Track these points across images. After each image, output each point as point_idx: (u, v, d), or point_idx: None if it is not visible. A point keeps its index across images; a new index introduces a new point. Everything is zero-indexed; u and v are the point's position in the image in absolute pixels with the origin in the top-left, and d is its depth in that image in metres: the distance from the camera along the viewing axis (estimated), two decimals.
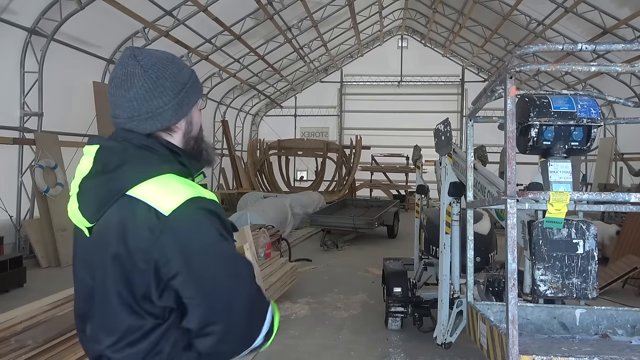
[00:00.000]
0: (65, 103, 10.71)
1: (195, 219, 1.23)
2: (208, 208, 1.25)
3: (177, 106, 1.35)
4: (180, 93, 1.36)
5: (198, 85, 1.44)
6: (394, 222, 12.87)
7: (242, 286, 1.27)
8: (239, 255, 1.33)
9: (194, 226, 1.22)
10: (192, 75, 1.42)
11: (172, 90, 1.34)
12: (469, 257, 3.40)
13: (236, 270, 1.27)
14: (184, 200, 1.22)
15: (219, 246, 1.25)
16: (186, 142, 1.41)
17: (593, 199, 2.67)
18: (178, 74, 1.36)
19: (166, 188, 1.24)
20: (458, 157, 4.38)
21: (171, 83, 1.34)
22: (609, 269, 7.64)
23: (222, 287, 1.24)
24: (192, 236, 1.22)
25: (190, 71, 1.43)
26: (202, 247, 1.22)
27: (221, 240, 1.25)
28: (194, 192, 1.25)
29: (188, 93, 1.38)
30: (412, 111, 23.58)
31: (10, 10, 8.72)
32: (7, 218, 9.16)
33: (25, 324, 3.67)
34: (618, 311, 3.07)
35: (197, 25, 13.12)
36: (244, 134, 23.92)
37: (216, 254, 1.25)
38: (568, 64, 2.38)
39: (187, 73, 1.40)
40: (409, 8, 21.46)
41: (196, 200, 1.24)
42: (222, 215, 1.29)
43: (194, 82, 1.42)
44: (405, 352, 5.09)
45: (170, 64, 1.35)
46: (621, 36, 12.99)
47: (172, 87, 1.33)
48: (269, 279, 6.21)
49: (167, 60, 1.36)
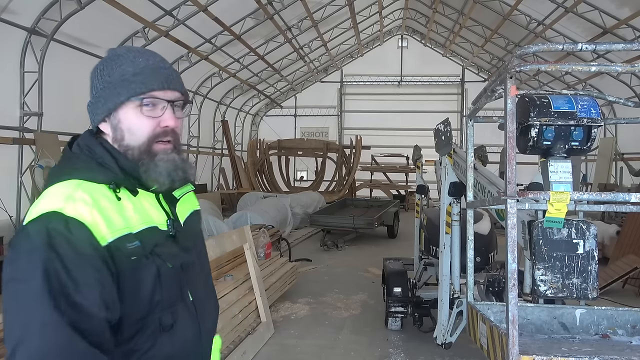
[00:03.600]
0: (65, 103, 10.69)
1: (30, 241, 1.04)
2: (54, 228, 1.04)
3: (94, 106, 1.23)
4: (98, 92, 1.21)
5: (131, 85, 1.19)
6: (394, 222, 12.86)
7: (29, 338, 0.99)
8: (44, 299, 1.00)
9: (19, 250, 1.04)
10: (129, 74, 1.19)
11: (94, 89, 1.22)
12: (469, 257, 3.40)
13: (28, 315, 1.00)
14: (38, 214, 1.07)
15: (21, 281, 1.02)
16: (125, 150, 1.21)
17: (593, 199, 2.67)
18: (108, 71, 1.20)
19: (48, 196, 1.11)
20: (458, 157, 4.37)
21: (97, 81, 1.22)
22: (609, 269, 7.64)
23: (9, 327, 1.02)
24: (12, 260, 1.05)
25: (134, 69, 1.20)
26: (10, 276, 1.03)
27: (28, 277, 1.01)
28: (59, 204, 1.07)
29: (106, 92, 1.20)
30: (412, 111, 23.59)
31: (10, 10, 8.72)
32: (7, 218, 9.16)
33: None
34: (618, 311, 3.07)
35: (197, 25, 13.11)
36: (244, 134, 23.94)
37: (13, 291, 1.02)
38: (568, 64, 2.38)
39: (123, 71, 1.20)
40: (409, 8, 21.46)
41: (47, 216, 1.06)
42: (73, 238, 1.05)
43: (125, 81, 1.19)
44: (405, 352, 5.08)
45: (110, 60, 1.22)
46: (621, 36, 12.99)
47: (95, 85, 1.22)
48: (269, 279, 6.21)
49: (113, 56, 1.23)
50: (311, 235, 12.94)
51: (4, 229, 8.92)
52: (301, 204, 14.13)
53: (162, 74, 1.22)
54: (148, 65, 1.21)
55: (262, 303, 5.49)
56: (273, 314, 6.02)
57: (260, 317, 5.47)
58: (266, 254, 6.75)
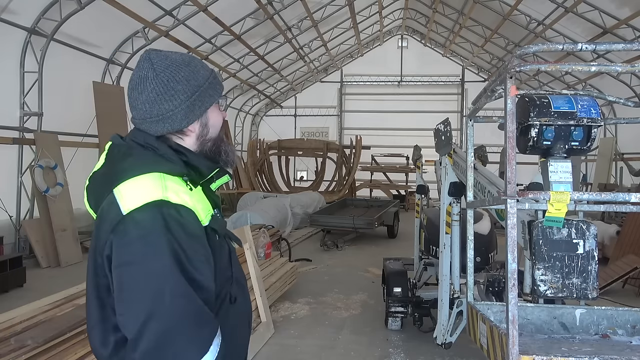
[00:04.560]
0: (65, 103, 10.70)
1: (144, 226, 1.16)
2: (169, 214, 1.18)
3: (189, 109, 1.34)
4: (192, 96, 1.34)
5: (215, 87, 1.40)
6: (394, 222, 12.86)
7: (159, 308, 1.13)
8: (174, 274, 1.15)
9: (139, 235, 1.16)
10: (209, 78, 1.39)
11: (183, 94, 1.33)
12: (469, 257, 3.40)
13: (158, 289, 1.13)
14: (143, 203, 1.18)
15: (148, 264, 1.15)
16: (201, 145, 1.40)
17: (593, 199, 2.66)
18: (191, 76, 1.35)
19: (139, 187, 1.21)
20: (458, 157, 4.37)
21: (183, 86, 1.33)
22: (609, 269, 7.64)
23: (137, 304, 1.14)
24: (123, 245, 1.17)
25: (208, 73, 1.40)
26: (123, 260, 1.16)
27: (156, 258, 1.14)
28: (161, 194, 1.20)
29: (201, 96, 1.36)
30: (412, 111, 23.57)
31: (10, 10, 8.72)
32: (7, 218, 9.16)
33: (25, 324, 3.67)
34: (618, 311, 3.07)
35: (197, 25, 13.11)
36: (244, 134, 23.92)
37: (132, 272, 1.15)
38: (568, 64, 2.38)
39: (203, 75, 1.38)
40: (409, 8, 21.46)
41: (158, 204, 1.18)
42: (186, 222, 1.20)
43: (210, 84, 1.39)
44: (405, 352, 5.09)
45: (184, 67, 1.35)
46: (621, 36, 12.99)
47: (183, 90, 1.33)
48: (269, 279, 6.21)
49: (182, 63, 1.35)
50: (311, 235, 12.94)
51: (4, 229, 8.92)
52: (301, 204, 14.12)
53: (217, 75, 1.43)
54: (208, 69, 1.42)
55: (262, 303, 5.49)
56: (273, 314, 6.02)
57: (260, 317, 5.48)
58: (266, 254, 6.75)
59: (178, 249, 1.16)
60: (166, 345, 1.13)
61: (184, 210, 1.21)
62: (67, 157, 9.93)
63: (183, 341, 1.14)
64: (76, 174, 9.80)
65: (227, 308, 1.35)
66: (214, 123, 1.42)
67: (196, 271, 1.18)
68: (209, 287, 1.21)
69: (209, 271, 1.22)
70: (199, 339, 1.16)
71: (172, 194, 1.21)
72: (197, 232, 1.23)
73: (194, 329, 1.15)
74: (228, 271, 1.38)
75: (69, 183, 9.61)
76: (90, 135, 11.07)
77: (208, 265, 1.23)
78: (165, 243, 1.15)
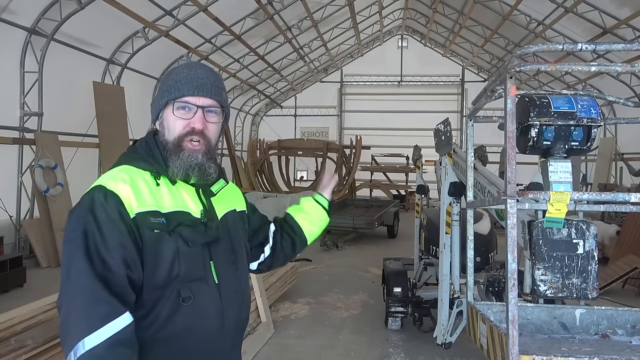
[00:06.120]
0: (65, 103, 10.70)
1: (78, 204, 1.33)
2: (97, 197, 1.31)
3: (152, 107, 1.51)
4: (156, 95, 1.50)
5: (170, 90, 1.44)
6: (394, 222, 12.86)
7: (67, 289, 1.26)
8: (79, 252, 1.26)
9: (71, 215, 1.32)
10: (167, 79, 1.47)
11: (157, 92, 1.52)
12: (469, 257, 3.40)
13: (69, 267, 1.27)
14: (89, 188, 1.36)
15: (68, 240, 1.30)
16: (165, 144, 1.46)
17: (593, 199, 2.66)
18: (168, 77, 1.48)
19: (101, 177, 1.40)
20: (458, 157, 4.37)
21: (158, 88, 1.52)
22: (609, 269, 7.64)
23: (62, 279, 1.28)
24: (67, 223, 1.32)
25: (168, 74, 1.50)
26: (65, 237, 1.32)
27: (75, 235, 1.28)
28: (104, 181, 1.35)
29: (158, 96, 1.48)
30: (412, 111, 23.58)
31: (10, 10, 8.72)
32: (7, 218, 9.16)
33: (25, 324, 3.67)
34: (618, 311, 3.07)
35: (197, 25, 13.11)
36: (244, 134, 23.93)
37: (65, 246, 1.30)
38: (568, 64, 2.38)
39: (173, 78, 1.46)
40: (409, 8, 21.46)
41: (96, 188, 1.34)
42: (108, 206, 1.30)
43: (169, 86, 1.45)
44: (405, 352, 5.09)
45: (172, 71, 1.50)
46: (621, 36, 12.99)
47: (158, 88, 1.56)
48: (269, 279, 6.21)
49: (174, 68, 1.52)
50: None
51: (4, 229, 8.92)
52: None
53: (197, 82, 1.43)
54: (188, 75, 1.44)
55: (262, 303, 5.49)
56: (273, 313, 6.02)
57: (260, 317, 5.48)
58: None
59: (93, 228, 1.27)
60: (67, 320, 1.23)
61: (110, 195, 1.31)
62: (67, 157, 9.93)
63: (75, 316, 1.22)
64: (76, 174, 9.80)
65: (176, 306, 1.34)
66: (169, 126, 1.45)
67: (107, 252, 1.26)
68: (117, 270, 1.27)
69: (119, 255, 1.27)
70: (90, 317, 1.21)
71: (111, 182, 1.34)
72: (114, 216, 1.29)
73: (87, 307, 1.22)
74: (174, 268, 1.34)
75: (69, 183, 9.61)
76: (90, 135, 11.08)
77: (122, 250, 1.28)
78: (83, 220, 1.28)
